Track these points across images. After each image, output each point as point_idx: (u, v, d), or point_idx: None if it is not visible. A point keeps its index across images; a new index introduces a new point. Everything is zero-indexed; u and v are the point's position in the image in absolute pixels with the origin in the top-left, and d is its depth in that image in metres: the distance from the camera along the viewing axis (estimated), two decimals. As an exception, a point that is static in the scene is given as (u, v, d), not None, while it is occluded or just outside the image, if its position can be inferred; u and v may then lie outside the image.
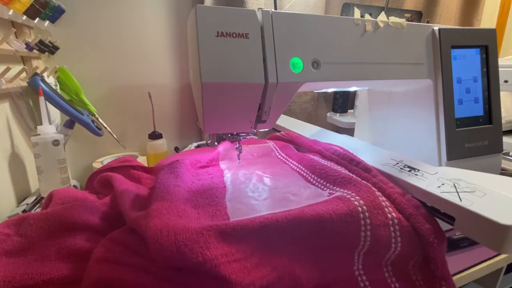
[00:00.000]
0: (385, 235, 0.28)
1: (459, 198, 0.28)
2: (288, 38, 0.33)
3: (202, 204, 0.33)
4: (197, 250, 0.23)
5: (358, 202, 0.29)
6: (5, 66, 0.43)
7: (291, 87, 0.35)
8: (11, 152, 0.51)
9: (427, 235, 0.28)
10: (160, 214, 0.27)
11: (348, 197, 0.30)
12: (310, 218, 0.27)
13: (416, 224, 0.29)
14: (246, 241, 0.26)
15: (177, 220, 0.26)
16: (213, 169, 0.44)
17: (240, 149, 0.44)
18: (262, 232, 0.26)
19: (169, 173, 0.39)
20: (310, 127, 0.64)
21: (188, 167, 0.42)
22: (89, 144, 0.71)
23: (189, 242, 0.24)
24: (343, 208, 0.29)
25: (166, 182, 0.36)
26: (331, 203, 0.30)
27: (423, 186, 0.31)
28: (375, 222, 0.28)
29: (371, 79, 0.39)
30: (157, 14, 0.72)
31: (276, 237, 0.27)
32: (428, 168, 0.35)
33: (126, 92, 0.73)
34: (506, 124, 0.76)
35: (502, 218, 0.24)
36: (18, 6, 0.47)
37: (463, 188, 0.29)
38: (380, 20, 0.39)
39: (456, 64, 0.44)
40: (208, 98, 0.31)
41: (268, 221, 0.27)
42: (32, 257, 0.29)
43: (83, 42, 0.67)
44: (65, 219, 0.33)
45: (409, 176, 0.33)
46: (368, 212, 0.29)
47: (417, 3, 0.96)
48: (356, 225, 0.28)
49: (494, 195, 0.28)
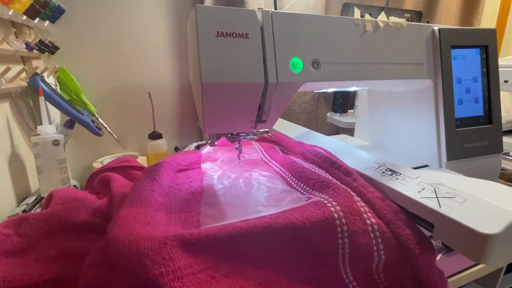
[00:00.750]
0: (365, 242, 0.27)
1: (438, 204, 0.26)
2: (288, 38, 0.33)
3: (176, 209, 0.32)
4: (159, 261, 0.22)
5: (335, 208, 0.29)
6: (5, 66, 0.43)
7: (291, 87, 0.35)
8: (11, 152, 0.51)
9: (407, 241, 0.27)
10: (125, 222, 0.26)
11: (325, 203, 0.29)
12: (283, 226, 0.26)
13: (395, 230, 0.28)
14: (214, 252, 0.25)
15: (143, 228, 0.25)
16: (193, 172, 0.43)
17: (240, 149, 0.44)
18: (232, 242, 0.25)
19: (146, 177, 0.38)
20: (300, 129, 0.63)
21: (167, 171, 0.41)
22: (89, 144, 0.71)
23: (151, 252, 0.23)
24: (318, 214, 0.28)
25: (140, 186, 0.34)
26: (307, 209, 0.29)
27: (403, 191, 0.30)
28: (353, 228, 0.27)
29: (371, 79, 0.39)
30: (157, 14, 0.72)
31: (247, 247, 0.26)
32: (410, 172, 0.34)
33: (126, 92, 0.73)
34: (506, 124, 0.76)
35: (481, 226, 0.23)
36: (18, 6, 0.47)
37: (444, 193, 0.28)
38: (380, 20, 0.39)
39: (456, 64, 0.44)
40: (208, 98, 0.31)
41: (237, 231, 0.25)
42: (32, 257, 0.29)
43: (83, 42, 0.67)
44: (65, 219, 0.33)
45: (391, 180, 0.32)
46: (345, 218, 0.28)
47: (417, 3, 0.96)
48: (332, 232, 0.27)
49: (474, 201, 0.26)
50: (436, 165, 0.45)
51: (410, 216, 0.29)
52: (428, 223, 0.27)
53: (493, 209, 0.25)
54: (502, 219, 0.23)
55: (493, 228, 0.22)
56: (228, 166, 0.47)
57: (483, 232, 0.22)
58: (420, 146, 0.48)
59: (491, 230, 0.22)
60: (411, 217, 0.29)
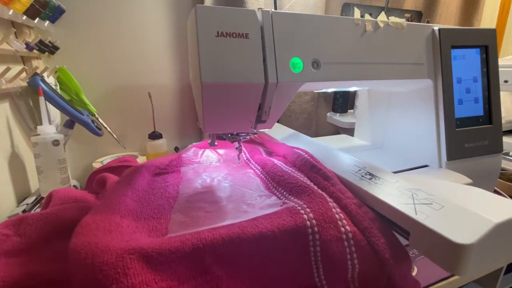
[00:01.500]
0: (338, 251, 0.26)
1: (414, 211, 0.25)
2: (288, 38, 0.33)
3: (146, 216, 0.31)
4: (112, 277, 0.20)
5: (308, 215, 0.28)
6: (5, 66, 0.43)
7: (291, 87, 0.35)
8: (11, 152, 0.51)
9: (383, 250, 0.26)
10: (86, 230, 0.25)
11: (299, 209, 0.28)
12: (251, 236, 0.25)
13: (371, 238, 0.27)
14: (176, 266, 0.23)
15: (103, 238, 0.24)
16: (172, 176, 0.42)
17: (240, 149, 0.44)
18: (196, 255, 0.23)
19: (121, 181, 0.37)
20: (287, 130, 0.62)
21: (144, 174, 0.40)
22: (89, 144, 0.71)
23: (106, 266, 0.21)
24: (289, 222, 0.27)
25: (112, 191, 0.33)
26: (278, 216, 0.28)
27: (380, 196, 0.28)
28: (326, 237, 0.26)
29: (371, 79, 0.39)
30: (157, 14, 0.72)
31: (213, 260, 0.24)
32: (389, 176, 0.33)
33: (126, 92, 0.73)
34: (506, 124, 0.76)
35: (456, 235, 0.21)
36: (18, 6, 0.47)
37: (421, 200, 0.27)
38: (380, 20, 0.39)
39: (456, 64, 0.44)
40: (208, 98, 0.31)
41: (201, 242, 0.24)
42: (31, 257, 0.29)
43: (83, 42, 0.67)
44: (65, 219, 0.33)
45: (369, 185, 0.31)
46: (318, 226, 0.27)
47: (417, 3, 0.96)
48: (304, 241, 0.26)
49: (452, 208, 0.25)
50: (436, 165, 0.45)
51: (387, 222, 0.28)
52: (404, 230, 0.26)
53: (470, 217, 0.23)
54: (479, 228, 0.22)
55: (469, 238, 0.21)
56: (208, 169, 0.46)
57: (458, 242, 0.21)
58: (420, 146, 0.48)
59: (466, 240, 0.21)
60: (388, 223, 0.28)
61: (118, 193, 0.33)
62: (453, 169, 0.43)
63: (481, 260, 0.22)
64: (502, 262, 0.25)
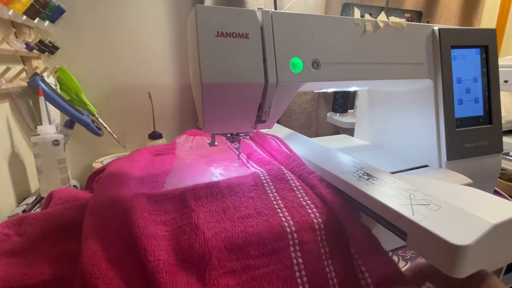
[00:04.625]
0: (291, 195, 0.32)
1: (411, 212, 0.25)
2: (288, 38, 0.33)
3: (147, 180, 0.39)
4: (126, 204, 0.30)
5: (264, 176, 0.36)
6: (5, 66, 0.43)
7: (291, 87, 0.35)
8: (11, 152, 0.51)
9: (331, 202, 0.30)
10: (103, 185, 0.34)
11: (258, 173, 0.37)
12: (222, 184, 0.34)
13: (319, 191, 0.33)
14: (166, 204, 0.31)
15: (118, 188, 0.33)
16: (167, 156, 0.50)
17: (240, 149, 0.44)
18: (181, 197, 0.32)
19: (126, 159, 0.45)
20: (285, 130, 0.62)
21: (145, 154, 0.48)
22: (89, 144, 0.71)
23: (121, 200, 0.30)
24: (250, 179, 0.35)
25: (118, 164, 0.42)
26: (244, 177, 0.35)
27: (378, 197, 0.28)
28: (278, 186, 0.34)
29: (371, 79, 0.39)
30: (157, 14, 0.72)
31: (192, 198, 0.31)
32: (387, 177, 0.32)
33: (126, 92, 0.73)
34: (506, 124, 0.76)
35: (454, 236, 0.21)
36: (18, 6, 0.47)
37: (418, 200, 0.26)
38: (380, 20, 0.39)
39: (456, 64, 0.44)
40: (208, 98, 0.31)
41: (186, 190, 0.32)
42: (32, 257, 0.29)
43: (83, 42, 0.67)
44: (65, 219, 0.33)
45: (366, 185, 0.31)
46: (271, 180, 0.35)
47: (417, 3, 0.96)
48: (263, 189, 0.34)
49: (449, 209, 0.25)
50: (436, 165, 0.45)
51: (384, 223, 0.28)
52: (401, 231, 0.26)
53: (468, 218, 0.23)
54: (476, 229, 0.22)
55: (466, 239, 0.21)
56: (198, 151, 0.53)
57: (455, 243, 0.21)
58: (420, 146, 0.48)
59: (463, 241, 0.21)
60: (385, 224, 0.28)
61: (124, 165, 0.41)
62: (453, 169, 0.43)
63: (479, 261, 0.22)
64: (501, 263, 0.25)
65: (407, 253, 0.39)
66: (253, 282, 0.25)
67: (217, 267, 0.25)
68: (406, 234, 0.25)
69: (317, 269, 0.27)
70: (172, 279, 0.23)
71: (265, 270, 0.26)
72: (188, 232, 0.27)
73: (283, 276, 0.26)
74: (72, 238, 0.32)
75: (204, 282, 0.24)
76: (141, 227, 0.27)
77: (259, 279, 0.25)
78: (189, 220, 0.29)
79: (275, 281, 0.25)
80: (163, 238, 0.27)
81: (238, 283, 0.25)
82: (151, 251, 0.25)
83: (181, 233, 0.28)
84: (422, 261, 0.26)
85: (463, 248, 0.20)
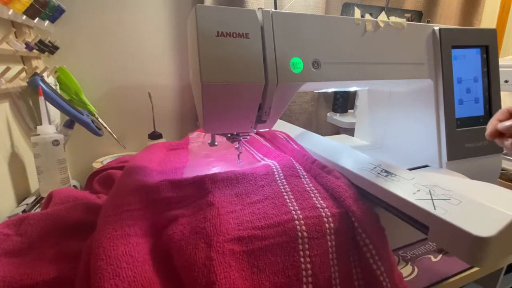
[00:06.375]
0: (301, 186, 0.33)
1: (433, 206, 0.26)
2: (288, 38, 0.33)
3: (166, 171, 0.42)
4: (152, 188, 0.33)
5: (275, 166, 0.38)
6: (5, 66, 0.43)
7: (291, 87, 0.35)
8: (11, 152, 0.50)
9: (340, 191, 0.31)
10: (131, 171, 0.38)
11: (270, 164, 0.38)
12: (237, 173, 0.36)
13: (323, 181, 0.34)
14: (187, 188, 0.34)
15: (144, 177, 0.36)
16: (182, 151, 0.53)
17: (240, 149, 0.44)
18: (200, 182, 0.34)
19: (144, 152, 0.49)
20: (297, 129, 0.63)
21: (162, 149, 0.52)
22: (89, 144, 0.71)
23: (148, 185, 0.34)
24: (263, 169, 0.37)
25: (137, 158, 0.45)
26: (257, 167, 0.38)
27: (398, 192, 0.29)
28: (290, 179, 0.35)
29: (371, 79, 0.39)
30: (157, 14, 0.72)
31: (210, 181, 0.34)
32: (405, 173, 0.33)
33: (126, 92, 0.73)
34: (506, 124, 0.76)
35: (476, 229, 0.22)
36: (18, 6, 0.46)
37: (439, 195, 0.27)
38: (381, 20, 0.39)
39: (456, 64, 0.44)
40: (208, 98, 0.31)
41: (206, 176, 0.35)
42: (32, 257, 0.29)
43: (83, 42, 0.67)
44: (65, 219, 0.33)
45: (385, 182, 0.32)
46: (283, 171, 0.36)
47: (417, 3, 0.96)
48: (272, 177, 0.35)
49: (470, 203, 0.26)
50: (437, 165, 0.45)
51: (406, 218, 0.29)
52: (423, 225, 0.27)
53: (488, 211, 0.24)
54: (498, 222, 0.23)
55: (488, 231, 0.22)
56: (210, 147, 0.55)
57: (479, 235, 0.22)
58: (421, 146, 0.48)
59: (486, 233, 0.22)
60: (405, 219, 0.29)
61: (145, 158, 0.44)
62: (453, 169, 0.43)
63: (500, 252, 0.23)
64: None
65: (407, 253, 0.40)
66: (258, 252, 0.26)
67: (225, 233, 0.26)
68: (427, 228, 0.26)
69: (320, 244, 0.28)
70: (183, 245, 0.26)
71: (270, 242, 0.27)
72: (204, 208, 0.30)
73: (287, 248, 0.27)
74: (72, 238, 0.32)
75: (211, 245, 0.25)
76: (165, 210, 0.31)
77: (264, 249, 0.27)
78: (206, 198, 0.31)
79: (279, 252, 0.27)
80: (182, 216, 0.30)
81: (243, 250, 0.26)
82: (171, 227, 0.28)
83: (199, 210, 0.30)
84: None
85: (487, 239, 0.22)
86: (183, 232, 0.27)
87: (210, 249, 0.25)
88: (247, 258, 0.26)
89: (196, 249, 0.25)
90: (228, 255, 0.25)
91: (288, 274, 0.26)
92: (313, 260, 0.27)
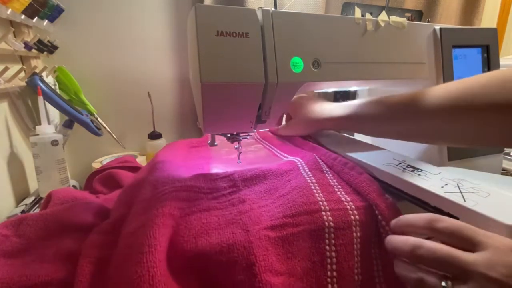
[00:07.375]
0: (325, 181, 0.34)
1: (463, 199, 0.27)
2: (288, 38, 0.33)
3: (192, 167, 0.42)
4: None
5: (300, 162, 0.37)
6: (4, 65, 0.43)
7: (291, 87, 0.35)
8: (10, 152, 0.50)
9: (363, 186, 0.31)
10: (162, 167, 0.39)
11: (295, 161, 0.38)
12: (265, 169, 0.36)
13: (345, 176, 0.34)
14: (217, 182, 0.35)
15: (173, 171, 0.37)
16: (202, 149, 0.53)
17: (240, 149, 0.44)
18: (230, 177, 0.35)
19: (166, 150, 0.51)
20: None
21: (183, 147, 0.53)
22: (88, 144, 0.71)
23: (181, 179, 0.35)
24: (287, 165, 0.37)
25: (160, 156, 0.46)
26: (283, 163, 0.38)
27: (426, 186, 0.30)
28: (315, 172, 0.35)
29: (371, 79, 0.39)
30: (156, 14, 0.72)
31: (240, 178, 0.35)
32: (431, 168, 0.34)
33: (126, 92, 0.73)
34: (506, 124, 0.76)
35: (507, 218, 0.23)
36: (17, 5, 0.46)
37: (467, 189, 0.28)
38: (381, 19, 0.39)
39: (457, 63, 0.44)
40: (208, 98, 0.31)
41: (236, 172, 0.36)
42: (31, 258, 0.29)
43: (82, 42, 0.67)
44: (64, 220, 0.33)
45: (412, 176, 0.32)
46: (308, 167, 0.36)
47: (418, 3, 0.96)
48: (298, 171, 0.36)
49: (498, 195, 0.27)
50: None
51: (434, 211, 0.29)
52: (452, 217, 0.27)
53: None
54: None
55: None
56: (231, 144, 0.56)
57: (509, 224, 0.23)
58: (421, 146, 0.47)
59: None
60: (435, 212, 0.29)
61: (168, 157, 0.45)
62: (454, 169, 0.43)
63: None
64: None
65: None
66: (291, 237, 0.28)
67: (259, 223, 0.28)
68: (458, 219, 0.26)
69: (346, 234, 0.29)
70: (220, 232, 0.27)
71: (301, 228, 0.28)
72: (236, 204, 0.31)
73: (314, 237, 0.28)
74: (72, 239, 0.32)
75: (249, 231, 0.27)
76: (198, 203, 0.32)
77: (296, 234, 0.28)
78: (238, 195, 0.33)
79: (307, 239, 0.28)
80: (214, 209, 0.31)
81: (278, 236, 0.28)
82: (204, 217, 0.29)
83: (230, 205, 0.31)
84: None
85: None
86: (219, 222, 0.29)
87: (248, 233, 0.27)
88: (282, 243, 0.28)
89: (234, 234, 0.27)
90: (265, 240, 0.27)
91: (314, 260, 0.28)
92: (338, 249, 0.28)
